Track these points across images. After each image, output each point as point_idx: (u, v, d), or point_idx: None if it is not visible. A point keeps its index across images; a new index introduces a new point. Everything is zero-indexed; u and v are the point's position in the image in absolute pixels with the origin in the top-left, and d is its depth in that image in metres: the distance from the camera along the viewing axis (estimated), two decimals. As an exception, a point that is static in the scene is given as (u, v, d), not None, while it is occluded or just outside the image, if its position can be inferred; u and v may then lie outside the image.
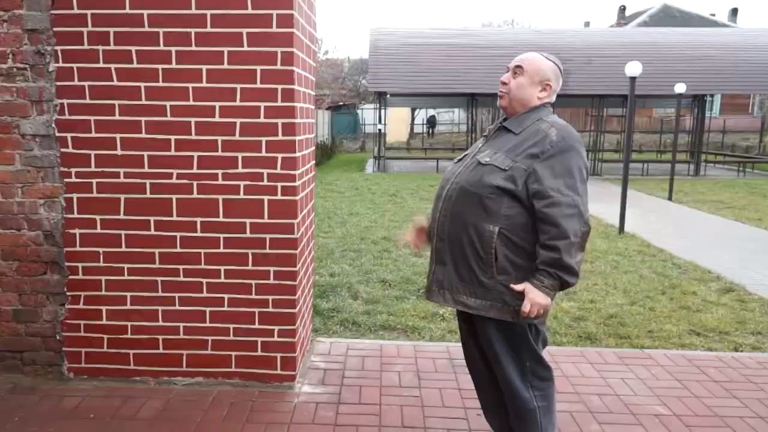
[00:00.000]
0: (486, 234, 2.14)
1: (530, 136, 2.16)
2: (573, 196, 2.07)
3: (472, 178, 2.20)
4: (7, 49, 2.94)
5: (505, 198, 2.12)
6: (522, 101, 2.25)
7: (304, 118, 3.25)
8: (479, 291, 2.19)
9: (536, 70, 2.24)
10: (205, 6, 2.85)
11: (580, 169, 2.12)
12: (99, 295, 3.16)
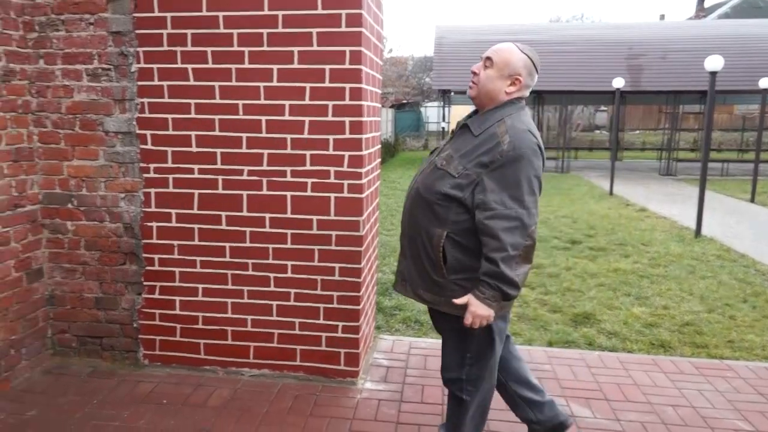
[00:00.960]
0: (435, 237, 2.17)
1: (485, 141, 2.12)
2: (517, 209, 2.04)
3: (426, 182, 2.23)
4: (93, 51, 3.11)
5: (454, 205, 2.14)
6: (489, 94, 2.19)
7: (371, 116, 3.27)
8: (433, 287, 2.24)
9: (506, 63, 2.17)
10: (277, 7, 2.91)
11: (530, 180, 2.08)
12: (173, 286, 3.29)
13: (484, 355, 2.29)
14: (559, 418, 2.53)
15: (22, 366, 3.23)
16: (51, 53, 3.15)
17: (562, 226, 8.41)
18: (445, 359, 2.36)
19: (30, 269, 3.28)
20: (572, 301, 4.97)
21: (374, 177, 3.53)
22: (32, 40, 3.15)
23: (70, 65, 3.14)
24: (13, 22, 3.07)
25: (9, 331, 3.13)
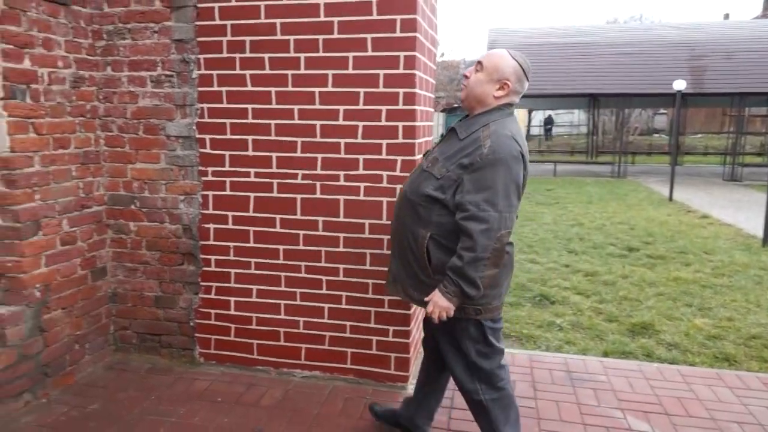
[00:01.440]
0: (419, 238, 2.24)
1: (468, 145, 2.17)
2: (490, 212, 2.08)
3: (413, 184, 2.30)
4: (157, 58, 3.22)
5: (436, 206, 2.20)
6: (477, 97, 2.24)
7: (424, 121, 3.26)
8: (421, 287, 2.29)
9: (495, 67, 2.21)
10: (332, 14, 2.95)
11: (506, 185, 2.11)
12: (228, 287, 3.37)
13: (485, 356, 2.31)
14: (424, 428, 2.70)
15: (85, 361, 3.37)
16: (118, 60, 3.28)
17: (619, 233, 8.17)
18: (453, 371, 2.39)
19: (95, 267, 3.42)
20: (629, 311, 4.81)
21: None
22: (100, 48, 3.29)
23: (135, 72, 3.27)
24: (83, 30, 3.22)
25: (74, 326, 3.27)
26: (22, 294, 2.92)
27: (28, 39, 2.85)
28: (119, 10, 3.22)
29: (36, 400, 3.01)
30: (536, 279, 5.72)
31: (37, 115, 2.95)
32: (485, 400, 2.34)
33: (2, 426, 2.78)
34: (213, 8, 3.09)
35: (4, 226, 2.86)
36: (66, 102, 3.13)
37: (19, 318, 2.90)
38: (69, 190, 3.19)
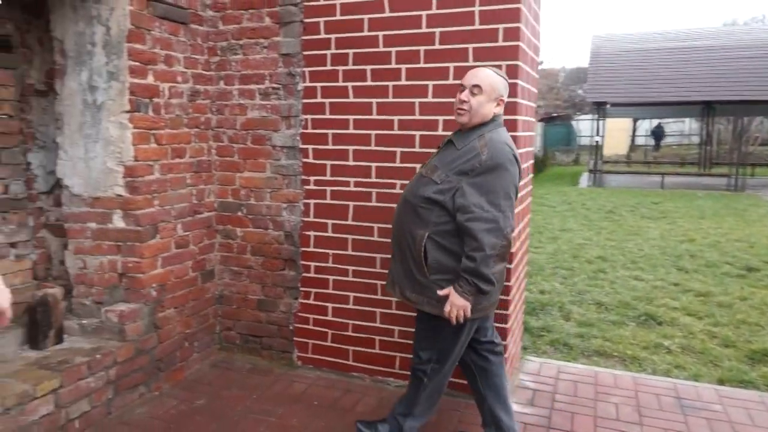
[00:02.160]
0: (417, 238, 2.38)
1: (466, 153, 2.35)
2: (494, 212, 2.25)
3: (412, 188, 2.47)
4: (266, 72, 3.38)
5: (436, 208, 2.35)
6: (483, 117, 2.40)
7: (525, 131, 3.19)
8: (417, 288, 2.44)
9: (492, 88, 2.40)
10: (434, 25, 2.96)
11: (506, 187, 2.30)
12: (327, 293, 3.45)
13: (450, 349, 2.51)
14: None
15: (194, 358, 3.57)
16: (230, 75, 3.48)
17: (736, 251, 7.56)
18: (417, 346, 2.59)
19: (204, 270, 3.62)
20: (748, 336, 4.44)
21: (526, 193, 3.44)
22: (215, 63, 3.51)
23: (245, 85, 3.45)
24: (200, 47, 3.44)
25: (185, 325, 3.48)
26: (140, 293, 3.14)
27: (151, 56, 3.09)
28: (232, 27, 3.42)
29: (149, 392, 3.22)
30: (641, 297, 5.42)
31: (158, 126, 3.18)
32: (425, 381, 2.57)
33: (119, 415, 2.99)
34: (318, 23, 3.20)
35: (127, 229, 3.10)
36: (183, 114, 3.35)
37: (137, 315, 3.12)
38: (183, 197, 3.40)
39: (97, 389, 2.88)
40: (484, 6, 2.86)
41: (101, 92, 3.00)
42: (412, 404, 2.65)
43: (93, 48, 2.98)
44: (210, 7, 3.45)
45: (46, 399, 2.61)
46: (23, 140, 3.21)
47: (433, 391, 2.62)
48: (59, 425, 2.68)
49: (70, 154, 3.11)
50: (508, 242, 2.33)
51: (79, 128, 3.07)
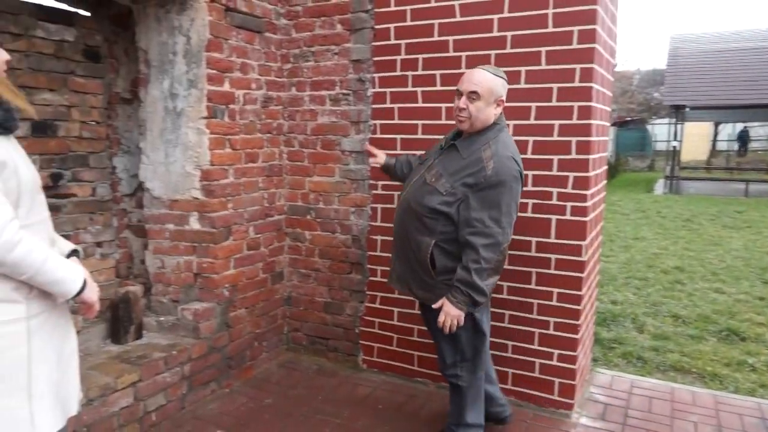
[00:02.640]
0: (423, 245, 2.45)
1: (472, 164, 2.37)
2: (494, 228, 2.32)
3: (416, 196, 2.48)
4: (336, 78, 3.44)
5: (442, 218, 2.40)
6: (483, 122, 2.41)
7: (599, 136, 3.09)
8: (425, 286, 2.52)
9: (490, 91, 2.38)
10: (506, 28, 2.92)
11: (508, 204, 2.35)
12: (392, 297, 3.46)
13: (475, 347, 2.57)
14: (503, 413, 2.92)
15: (262, 357, 3.66)
16: (301, 81, 3.56)
17: (829, 265, 7.04)
18: (442, 354, 2.64)
19: (274, 272, 3.71)
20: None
21: (599, 200, 3.33)
22: (287, 70, 3.60)
23: (316, 92, 3.52)
24: (273, 55, 3.54)
25: (255, 325, 3.58)
26: (214, 292, 3.26)
27: (228, 64, 3.20)
28: (305, 34, 3.50)
29: (220, 389, 3.33)
30: (722, 311, 5.13)
31: (233, 132, 3.29)
32: (463, 386, 2.62)
33: (193, 410, 3.11)
34: (389, 29, 3.23)
35: (202, 230, 3.22)
36: (257, 120, 3.45)
37: (210, 314, 3.24)
38: (255, 200, 3.50)
39: (173, 384, 3.00)
40: (558, 8, 2.80)
41: (181, 99, 3.13)
42: (461, 412, 2.68)
43: (174, 57, 3.12)
44: (284, 15, 3.55)
45: (126, 392, 2.74)
46: (109, 145, 3.40)
47: (476, 393, 2.67)
48: (137, 417, 2.81)
49: (151, 158, 3.26)
50: (504, 257, 2.44)
51: (160, 134, 3.22)
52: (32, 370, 1.68)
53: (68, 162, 3.17)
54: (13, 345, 1.64)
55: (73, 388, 1.86)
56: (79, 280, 1.72)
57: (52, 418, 1.75)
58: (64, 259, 1.71)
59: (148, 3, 3.12)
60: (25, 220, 1.63)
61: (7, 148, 1.60)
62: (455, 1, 3.03)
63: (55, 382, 1.76)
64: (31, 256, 1.56)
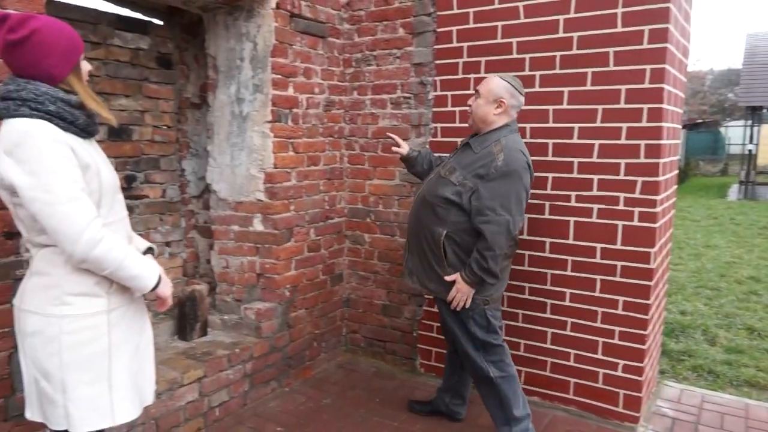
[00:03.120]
0: (436, 235, 2.57)
1: (483, 157, 2.51)
2: (505, 216, 2.45)
3: (431, 188, 2.63)
4: (397, 82, 3.45)
5: (453, 208, 2.53)
6: (481, 118, 2.59)
7: (670, 139, 2.97)
8: (437, 279, 2.62)
9: (489, 91, 2.56)
10: (572, 29, 2.85)
11: (518, 193, 2.48)
12: (451, 302, 3.43)
13: (490, 337, 2.64)
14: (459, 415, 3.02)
15: (321, 358, 3.71)
16: (363, 85, 3.59)
17: None
18: (464, 354, 2.70)
19: (333, 274, 3.76)
20: None
21: (669, 206, 3.20)
22: (349, 74, 3.64)
23: (377, 95, 3.55)
24: (336, 59, 3.59)
25: (314, 325, 3.63)
26: (275, 293, 3.32)
27: (292, 69, 3.27)
28: (367, 39, 3.53)
29: (280, 388, 3.39)
30: (804, 325, 4.82)
31: (296, 135, 3.35)
32: (495, 378, 2.64)
33: (254, 407, 3.18)
34: (451, 32, 3.21)
35: (266, 232, 3.29)
36: (319, 124, 3.51)
37: (272, 314, 3.31)
38: (317, 203, 3.56)
39: (235, 381, 3.08)
40: (628, 7, 2.71)
41: (247, 104, 3.22)
42: (507, 410, 2.67)
43: (241, 63, 3.22)
44: (347, 20, 3.59)
45: (191, 387, 2.83)
46: (179, 148, 3.54)
47: (511, 381, 2.68)
48: (201, 412, 2.90)
49: (218, 161, 3.37)
50: (515, 242, 2.60)
51: (226, 137, 3.32)
52: (113, 361, 1.77)
53: (141, 165, 3.31)
54: (95, 337, 1.73)
55: (148, 379, 1.95)
56: (154, 276, 1.80)
57: (130, 407, 1.83)
58: (141, 256, 1.80)
59: (217, 11, 3.23)
60: (105, 219, 1.72)
61: (90, 151, 1.70)
62: (519, 3, 2.98)
63: (132, 372, 1.85)
64: (112, 253, 1.65)
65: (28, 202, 1.57)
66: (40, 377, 1.73)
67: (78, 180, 1.61)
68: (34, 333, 1.70)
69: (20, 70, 1.64)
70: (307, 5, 3.32)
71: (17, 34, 1.59)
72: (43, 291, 1.69)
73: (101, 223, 1.65)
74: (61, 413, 1.73)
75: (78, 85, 1.71)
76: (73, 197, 1.58)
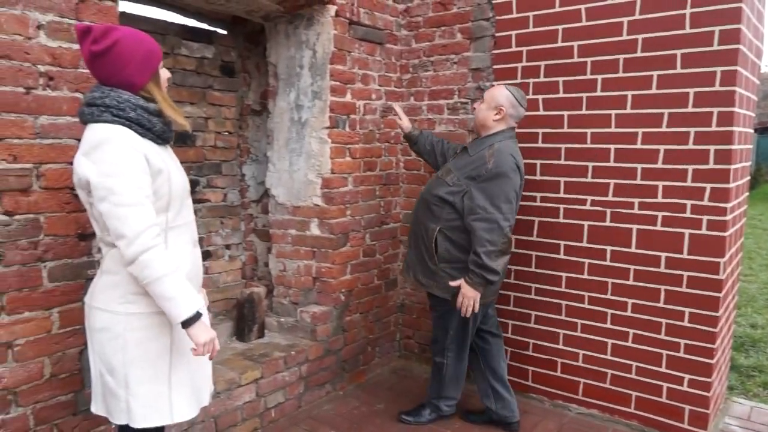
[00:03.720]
0: (430, 231, 2.78)
1: (476, 160, 2.71)
2: (495, 214, 2.61)
3: (430, 188, 2.85)
4: (454, 87, 3.44)
5: (447, 207, 2.73)
6: (481, 122, 2.81)
7: (742, 144, 2.84)
8: (428, 273, 2.83)
9: (491, 98, 2.76)
10: (637, 31, 2.77)
11: (507, 192, 2.63)
12: (507, 310, 3.38)
13: (462, 330, 2.88)
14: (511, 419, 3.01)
15: (375, 362, 3.72)
16: (420, 91, 3.60)
17: None
18: (434, 333, 2.99)
19: (388, 279, 3.77)
20: None
21: (740, 213, 3.06)
22: (406, 80, 3.65)
23: (434, 101, 3.54)
24: (393, 65, 3.61)
25: (368, 330, 3.64)
26: (331, 296, 3.36)
27: (350, 76, 3.31)
28: (425, 44, 3.53)
29: (335, 391, 3.42)
30: None
31: (353, 141, 3.38)
32: (446, 365, 2.95)
33: (308, 410, 3.22)
34: (510, 36, 3.18)
35: (322, 237, 3.33)
36: (375, 129, 3.53)
37: (327, 317, 3.34)
38: (372, 208, 3.58)
39: (291, 383, 3.13)
40: (697, 8, 2.62)
41: (306, 110, 3.28)
42: (441, 388, 3.03)
43: (301, 70, 3.28)
44: (404, 26, 3.61)
45: (249, 387, 2.89)
46: (239, 154, 3.63)
47: (457, 372, 2.98)
48: (258, 413, 2.95)
49: (277, 166, 3.44)
50: (508, 239, 2.69)
51: (285, 143, 3.38)
52: (173, 360, 1.82)
53: (204, 170, 3.41)
54: (157, 335, 1.79)
55: (206, 380, 1.99)
56: (189, 310, 1.70)
57: (187, 407, 1.88)
58: (186, 285, 1.72)
59: (279, 20, 3.30)
60: (173, 222, 1.78)
61: (163, 156, 1.76)
62: (582, 5, 2.92)
63: (192, 373, 1.89)
64: (154, 264, 1.65)
65: (97, 201, 1.65)
66: (105, 372, 1.80)
67: (144, 187, 1.67)
68: (102, 329, 1.77)
69: (104, 79, 1.73)
70: (366, 12, 3.35)
71: (100, 45, 1.67)
72: (111, 289, 1.76)
73: (158, 232, 1.68)
74: (123, 408, 1.79)
75: (157, 93, 1.78)
76: (136, 202, 1.64)
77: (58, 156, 2.07)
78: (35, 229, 2.04)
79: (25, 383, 2.05)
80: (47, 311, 2.09)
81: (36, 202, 2.03)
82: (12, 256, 1.98)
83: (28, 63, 1.97)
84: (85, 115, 1.71)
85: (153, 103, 1.76)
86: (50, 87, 2.03)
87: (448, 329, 2.89)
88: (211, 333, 1.77)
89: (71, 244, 2.14)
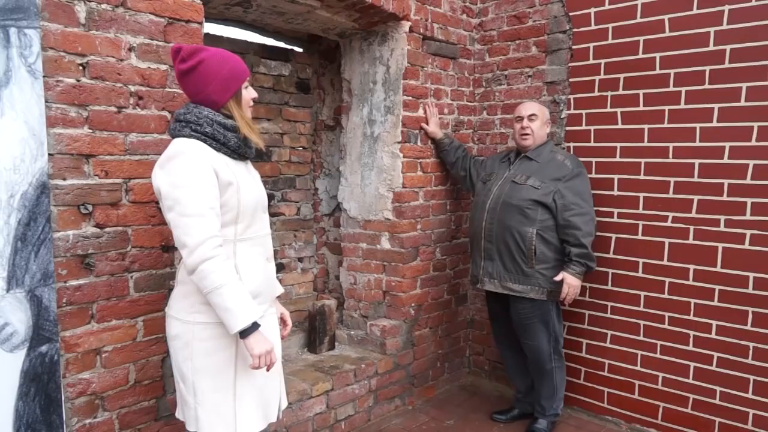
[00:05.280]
0: (527, 235, 2.87)
1: (552, 163, 2.93)
2: (588, 208, 2.86)
3: (512, 193, 2.92)
4: (528, 101, 3.40)
5: (540, 208, 2.86)
6: (542, 137, 3.02)
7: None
8: (521, 278, 2.91)
9: (543, 113, 3.02)
10: (724, 41, 2.67)
11: (589, 188, 2.92)
12: (581, 328, 3.29)
13: (560, 327, 3.04)
14: None
15: (444, 378, 3.69)
16: (493, 105, 3.58)
17: None
18: (537, 349, 2.99)
19: (458, 294, 3.74)
20: None
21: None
22: (479, 94, 3.65)
23: (506, 115, 3.52)
24: (466, 80, 3.61)
25: (438, 345, 3.62)
26: (400, 310, 3.36)
27: (423, 91, 3.33)
28: (498, 58, 3.52)
29: (403, 406, 3.41)
30: None
31: (425, 155, 3.40)
32: (554, 368, 3.02)
33: (377, 423, 3.22)
34: (588, 48, 3.13)
35: (393, 251, 3.35)
36: (447, 144, 3.53)
37: (397, 331, 3.34)
38: (443, 222, 3.57)
39: (361, 396, 3.14)
40: (790, 17, 2.50)
41: (378, 125, 3.32)
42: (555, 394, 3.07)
43: (374, 86, 3.32)
44: (478, 40, 3.61)
45: (320, 399, 2.92)
46: (313, 168, 3.71)
47: (562, 372, 3.08)
48: (328, 424, 2.98)
49: (349, 180, 3.49)
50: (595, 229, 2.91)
51: (358, 158, 3.43)
52: (238, 372, 1.83)
53: (279, 184, 3.50)
54: (222, 346, 1.80)
55: (274, 395, 1.97)
56: (246, 320, 1.69)
57: (253, 420, 1.87)
58: (244, 296, 1.72)
59: (353, 37, 3.37)
60: (242, 235, 1.82)
61: (236, 171, 1.80)
62: (665, 16, 2.84)
63: (258, 385, 1.89)
64: (213, 275, 1.66)
65: (165, 210, 1.72)
66: (179, 379, 1.86)
67: (209, 199, 1.69)
68: (175, 337, 1.83)
69: (191, 96, 1.81)
70: (440, 27, 3.37)
71: (186, 64, 1.76)
72: (182, 298, 1.82)
73: (219, 243, 1.70)
74: (192, 415, 1.83)
75: (236, 111, 1.83)
76: (199, 213, 1.67)
77: (145, 171, 2.14)
78: (123, 241, 2.12)
79: (111, 389, 2.12)
80: (133, 320, 2.17)
81: (125, 215, 2.12)
82: (102, 266, 2.07)
83: (120, 83, 2.07)
84: (172, 129, 1.81)
85: (231, 120, 1.82)
86: (139, 106, 2.13)
87: (549, 332, 2.97)
88: (267, 345, 1.75)
89: (155, 256, 2.22)
